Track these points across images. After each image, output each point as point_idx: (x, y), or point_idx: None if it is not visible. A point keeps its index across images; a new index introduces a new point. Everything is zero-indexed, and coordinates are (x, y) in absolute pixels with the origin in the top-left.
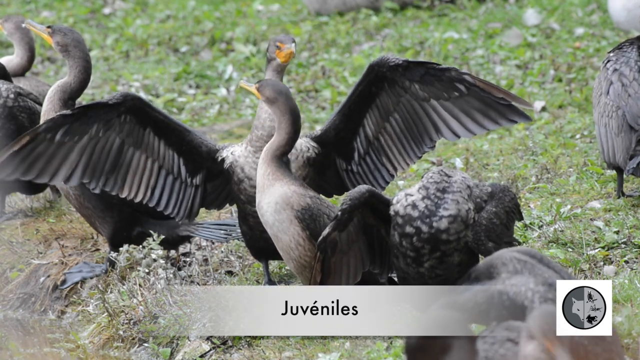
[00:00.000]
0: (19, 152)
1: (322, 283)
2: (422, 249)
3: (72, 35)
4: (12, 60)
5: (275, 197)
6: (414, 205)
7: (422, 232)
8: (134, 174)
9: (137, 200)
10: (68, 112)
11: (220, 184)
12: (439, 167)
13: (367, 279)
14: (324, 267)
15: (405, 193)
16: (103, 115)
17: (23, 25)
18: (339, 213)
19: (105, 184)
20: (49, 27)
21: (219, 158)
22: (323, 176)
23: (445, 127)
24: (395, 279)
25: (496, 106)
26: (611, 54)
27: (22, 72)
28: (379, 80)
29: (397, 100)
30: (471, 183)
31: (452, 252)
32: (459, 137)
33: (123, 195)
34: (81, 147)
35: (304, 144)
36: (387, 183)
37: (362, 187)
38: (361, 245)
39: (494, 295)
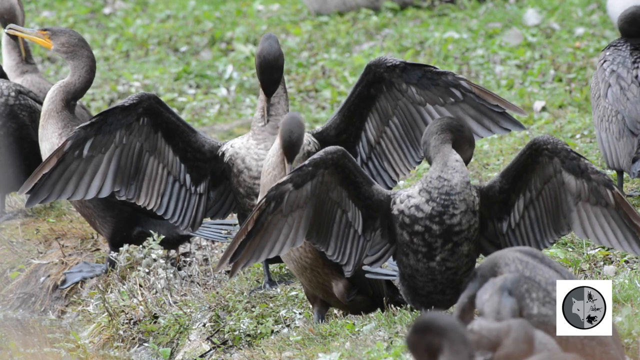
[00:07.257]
0: (51, 174)
1: (247, 237)
2: (435, 243)
3: (76, 35)
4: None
5: None
6: (418, 208)
7: (433, 230)
8: (149, 180)
9: (149, 207)
10: (87, 123)
11: (224, 190)
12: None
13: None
14: (257, 222)
15: (407, 194)
16: (123, 120)
17: (5, 31)
18: (304, 164)
19: (128, 192)
20: (43, 30)
21: (220, 153)
22: None
23: None
24: (393, 281)
25: (490, 114)
26: (607, 53)
27: None
28: (377, 82)
29: (395, 104)
30: (468, 177)
31: (462, 242)
32: None
33: (139, 203)
34: (109, 157)
35: (305, 138)
36: (390, 189)
37: (335, 147)
38: (304, 215)
39: None
